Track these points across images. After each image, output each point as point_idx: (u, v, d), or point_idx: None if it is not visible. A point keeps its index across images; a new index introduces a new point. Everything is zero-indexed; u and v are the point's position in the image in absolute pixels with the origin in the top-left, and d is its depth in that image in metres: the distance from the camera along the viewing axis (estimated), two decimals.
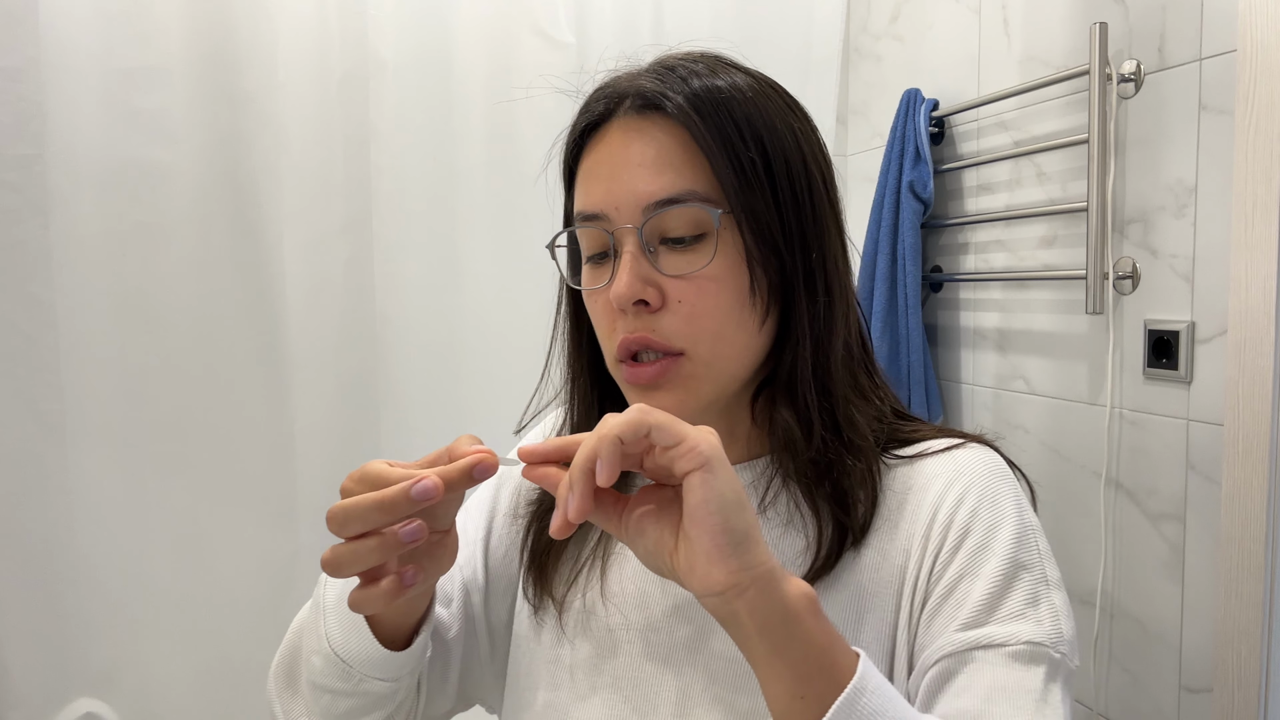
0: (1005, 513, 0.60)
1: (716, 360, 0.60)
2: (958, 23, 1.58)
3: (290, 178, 1.43)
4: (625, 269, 0.58)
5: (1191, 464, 1.17)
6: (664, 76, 0.61)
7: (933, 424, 0.68)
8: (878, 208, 1.64)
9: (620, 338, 0.60)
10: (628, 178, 0.59)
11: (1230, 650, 1.10)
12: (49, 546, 1.33)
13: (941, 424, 1.62)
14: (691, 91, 0.59)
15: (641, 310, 0.59)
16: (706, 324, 0.59)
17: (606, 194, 0.60)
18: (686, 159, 0.59)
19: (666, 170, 0.58)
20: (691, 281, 0.58)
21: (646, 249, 0.59)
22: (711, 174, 0.59)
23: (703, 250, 0.59)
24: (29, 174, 1.29)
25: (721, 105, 0.59)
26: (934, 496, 0.60)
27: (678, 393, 0.59)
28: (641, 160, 0.59)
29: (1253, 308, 1.05)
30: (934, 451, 0.63)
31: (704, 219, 0.58)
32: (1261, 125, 1.03)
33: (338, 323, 1.48)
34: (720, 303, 0.59)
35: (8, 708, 1.31)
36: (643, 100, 0.60)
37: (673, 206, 0.58)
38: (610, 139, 0.61)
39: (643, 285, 0.58)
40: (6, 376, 1.30)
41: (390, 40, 1.48)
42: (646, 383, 0.59)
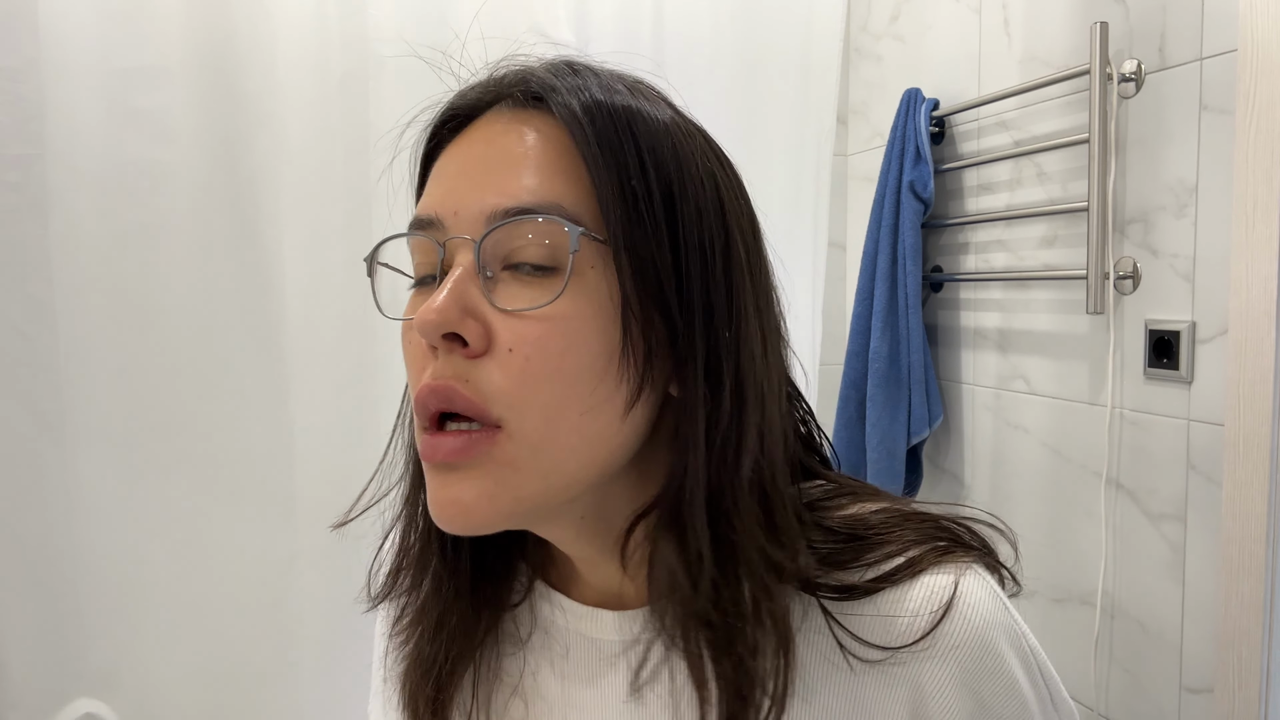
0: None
1: (548, 446, 0.43)
2: (958, 22, 1.58)
3: (290, 178, 1.43)
4: (444, 289, 0.42)
5: (1192, 464, 1.17)
6: (560, 72, 0.47)
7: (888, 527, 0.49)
8: (878, 207, 1.64)
9: (420, 384, 0.43)
10: (477, 177, 0.45)
11: (1231, 650, 1.09)
12: (48, 546, 1.33)
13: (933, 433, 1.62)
14: (590, 96, 0.45)
15: (455, 350, 0.42)
16: (542, 388, 0.42)
17: (446, 195, 0.45)
18: (559, 167, 0.44)
19: (528, 174, 0.44)
20: (531, 324, 0.42)
21: (482, 271, 0.43)
22: (589, 193, 0.44)
23: (555, 285, 0.43)
24: (29, 174, 1.29)
25: (621, 119, 0.45)
26: (938, 707, 0.46)
27: (484, 482, 0.43)
28: (502, 159, 0.45)
29: (1253, 308, 1.05)
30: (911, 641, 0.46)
31: (566, 247, 0.43)
32: (1262, 125, 1.03)
33: (337, 322, 1.48)
34: (567, 362, 0.42)
35: (7, 708, 1.31)
36: (525, 92, 0.46)
37: (525, 218, 0.43)
38: (472, 133, 0.47)
39: (460, 315, 0.42)
40: (6, 376, 1.29)
41: (390, 40, 1.48)
42: (442, 459, 0.43)
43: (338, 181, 1.47)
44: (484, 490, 0.43)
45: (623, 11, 1.61)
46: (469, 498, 0.42)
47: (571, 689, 0.52)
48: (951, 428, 1.63)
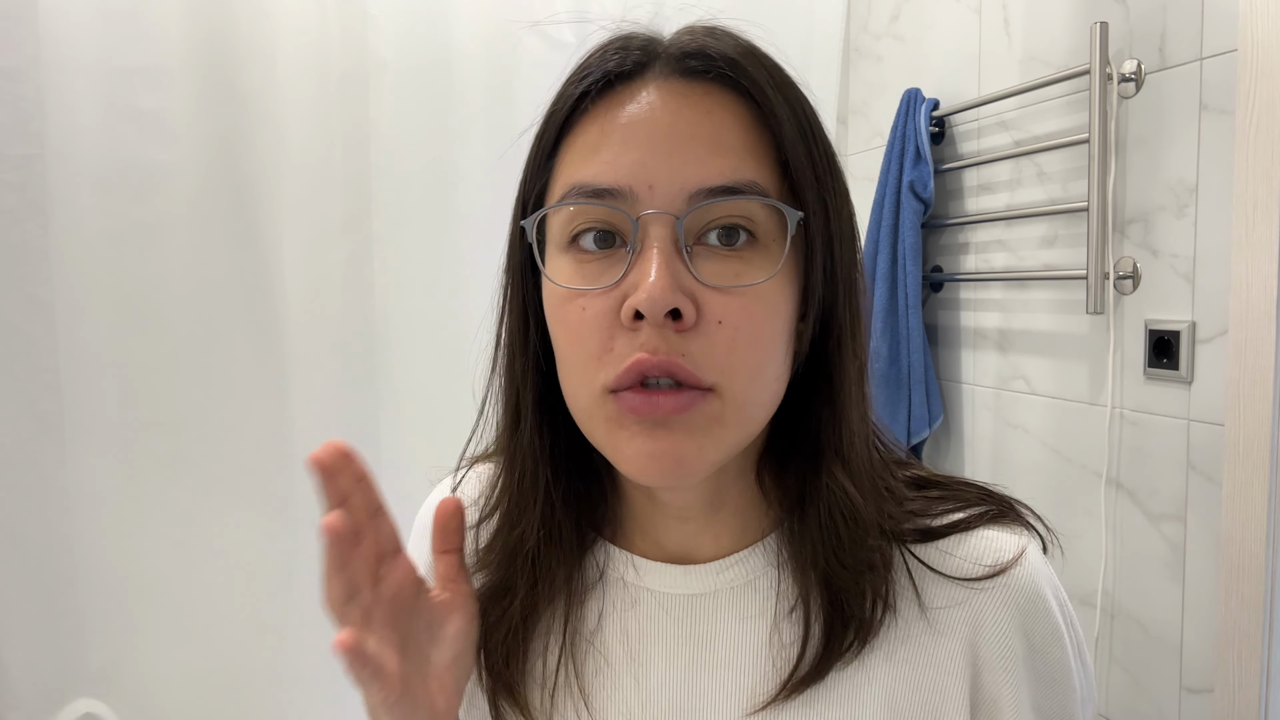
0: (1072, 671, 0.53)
1: (750, 405, 0.46)
2: (958, 22, 1.58)
3: (290, 177, 1.43)
4: (659, 267, 0.43)
5: (1192, 464, 1.17)
6: (718, 36, 0.47)
7: (945, 487, 0.56)
8: (878, 207, 1.64)
9: (635, 357, 0.44)
10: (673, 151, 0.45)
11: (1231, 651, 1.09)
12: (48, 546, 1.33)
13: (933, 433, 1.63)
14: (772, 76, 0.47)
15: (668, 325, 0.44)
16: (747, 355, 0.45)
17: (639, 164, 0.45)
18: (750, 144, 0.46)
19: (726, 152, 0.45)
20: (737, 298, 0.45)
21: (683, 248, 0.45)
22: (778, 170, 0.46)
23: (754, 261, 0.45)
24: (29, 174, 1.29)
25: (798, 101, 0.47)
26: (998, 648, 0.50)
27: (697, 437, 0.45)
28: (693, 133, 0.45)
29: (1253, 308, 1.05)
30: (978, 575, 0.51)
31: (763, 221, 0.45)
32: (1262, 125, 1.03)
33: (337, 322, 1.48)
34: (769, 331, 0.46)
35: (7, 708, 1.31)
36: (691, 60, 0.47)
37: (731, 198, 0.44)
38: (644, 99, 0.46)
39: (678, 291, 0.43)
40: (6, 376, 1.30)
41: (390, 40, 1.48)
42: (661, 415, 0.44)
43: (337, 181, 1.47)
44: (698, 444, 0.45)
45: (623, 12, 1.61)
46: (683, 450, 0.45)
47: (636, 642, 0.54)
48: (951, 428, 1.63)
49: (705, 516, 0.54)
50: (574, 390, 0.48)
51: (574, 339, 0.47)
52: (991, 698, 0.51)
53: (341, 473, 0.48)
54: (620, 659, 0.54)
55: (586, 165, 0.47)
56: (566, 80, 0.49)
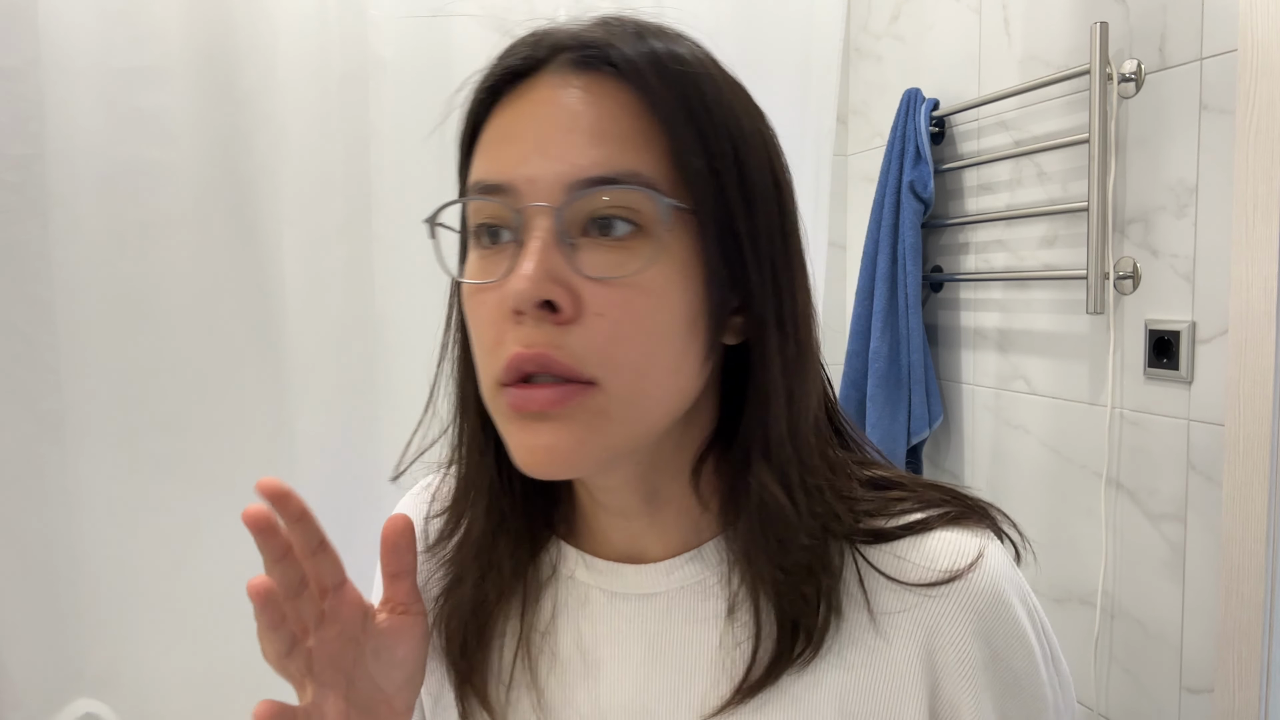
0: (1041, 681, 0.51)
1: (637, 399, 0.45)
2: (958, 22, 1.58)
3: (290, 177, 1.43)
4: (531, 258, 0.43)
5: (1192, 464, 1.17)
6: (626, 37, 0.47)
7: (907, 488, 0.54)
8: (878, 207, 1.64)
9: (511, 352, 0.44)
10: (552, 144, 0.45)
11: (1231, 651, 1.09)
12: (49, 546, 1.33)
13: (933, 433, 1.63)
14: (651, 51, 0.46)
15: (545, 318, 0.43)
16: (631, 349, 0.44)
17: (520, 161, 0.45)
18: (634, 133, 0.45)
19: (606, 142, 0.44)
20: (618, 290, 0.44)
21: (563, 239, 0.44)
22: (665, 158, 0.45)
23: (640, 252, 0.44)
24: (28, 174, 1.29)
25: (694, 86, 0.46)
26: (955, 654, 0.49)
27: (578, 431, 0.44)
28: (573, 125, 0.45)
29: (1254, 308, 1.05)
30: (931, 580, 0.49)
31: (650, 211, 0.44)
32: (1262, 125, 1.03)
33: (337, 322, 1.48)
34: (655, 324, 0.45)
35: (7, 708, 1.31)
36: (584, 51, 0.46)
37: (609, 188, 0.44)
38: (535, 95, 0.47)
39: (552, 283, 0.43)
40: (6, 376, 1.29)
41: (390, 40, 1.48)
42: (537, 409, 0.44)
43: (337, 181, 1.47)
44: (577, 437, 0.44)
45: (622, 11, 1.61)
46: (562, 444, 0.44)
47: (589, 642, 0.54)
48: (951, 428, 1.63)
49: (647, 515, 0.52)
50: (480, 384, 0.48)
51: (475, 333, 0.48)
52: (951, 705, 0.49)
53: (284, 512, 0.49)
54: (573, 657, 0.54)
55: (483, 163, 0.48)
56: (476, 80, 0.50)
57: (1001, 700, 0.49)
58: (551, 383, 0.44)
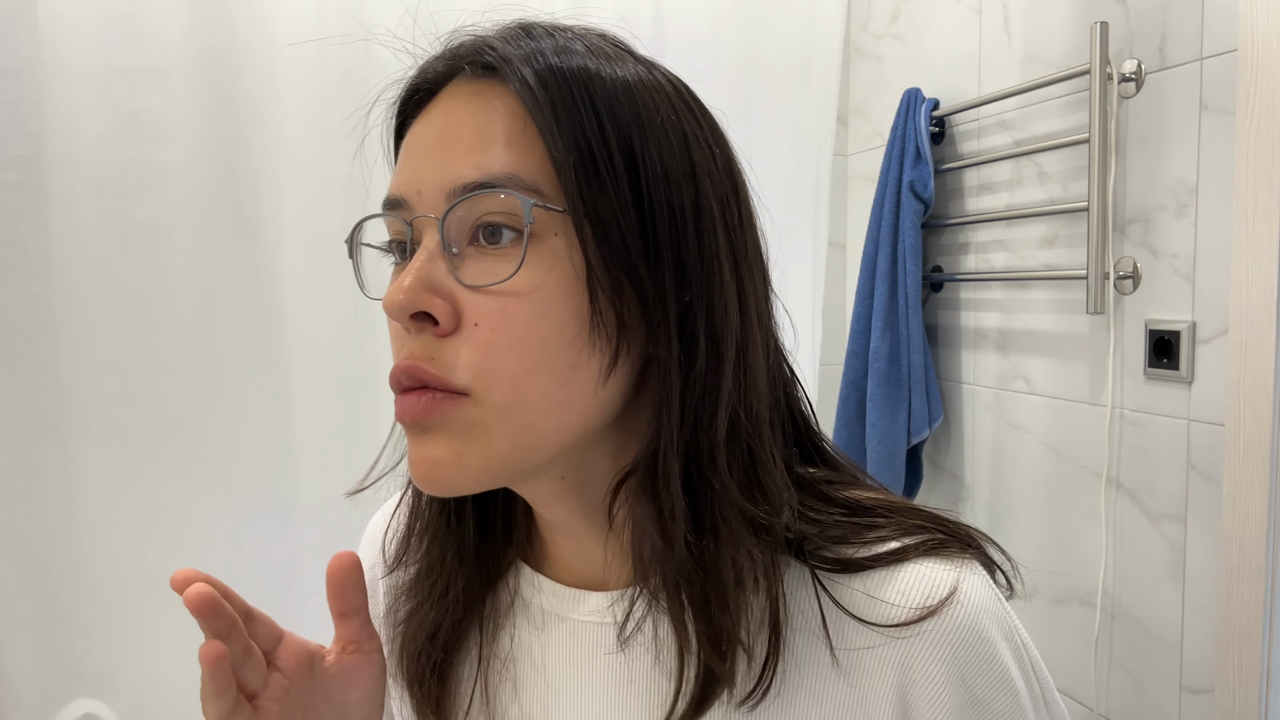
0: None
1: (516, 411, 0.43)
2: (958, 22, 1.58)
3: (290, 178, 1.43)
4: (410, 271, 0.43)
5: (1192, 464, 1.17)
6: (515, 39, 0.45)
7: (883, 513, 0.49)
8: (878, 207, 1.64)
9: (394, 364, 0.44)
10: (436, 154, 0.44)
11: (1231, 651, 1.09)
12: (49, 546, 1.33)
13: (933, 434, 1.63)
14: (545, 62, 0.44)
15: (425, 329, 0.43)
16: (509, 360, 0.42)
17: (411, 174, 0.45)
18: (513, 136, 0.43)
19: (485, 147, 0.43)
20: (495, 298, 0.42)
21: (447, 249, 0.43)
22: (547, 161, 0.43)
23: (516, 258, 0.42)
24: (28, 174, 1.29)
25: (576, 82, 0.44)
26: (928, 698, 0.45)
27: (454, 442, 0.43)
28: (457, 133, 0.44)
29: (1254, 308, 1.05)
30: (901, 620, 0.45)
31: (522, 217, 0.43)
32: (1262, 125, 1.03)
33: (338, 322, 1.48)
34: (535, 333, 0.42)
35: (7, 708, 1.31)
36: (480, 62, 0.45)
37: (484, 192, 0.42)
38: (433, 108, 0.47)
39: (428, 294, 0.42)
40: (6, 376, 1.29)
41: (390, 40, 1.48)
42: (411, 419, 0.43)
43: (337, 181, 1.47)
44: (455, 449, 0.43)
45: (622, 11, 1.61)
46: (439, 455, 0.43)
47: (551, 669, 0.52)
48: (951, 428, 1.63)
49: (595, 536, 0.50)
50: None
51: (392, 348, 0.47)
52: None
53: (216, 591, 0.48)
54: (535, 684, 0.52)
55: (392, 179, 0.48)
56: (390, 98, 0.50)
57: None
58: (422, 390, 0.43)
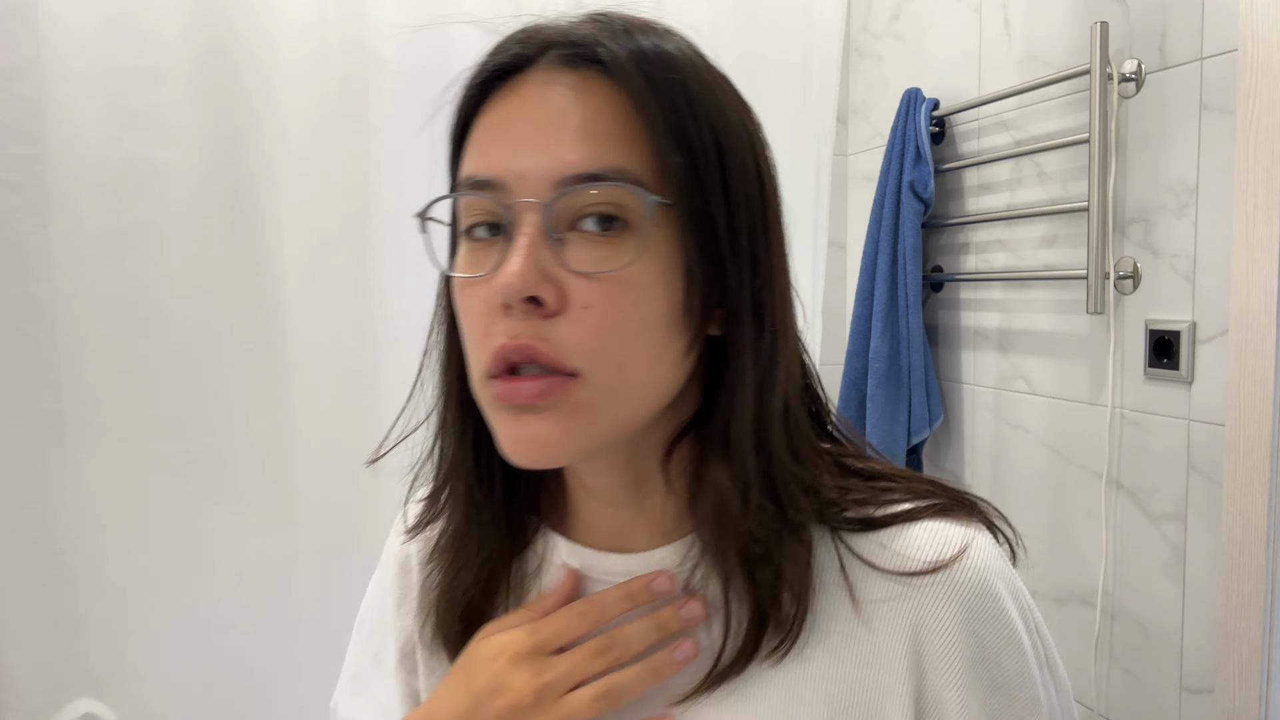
0: (1033, 680, 0.50)
1: (621, 390, 0.46)
2: (958, 22, 1.58)
3: (290, 178, 1.43)
4: (519, 253, 0.44)
5: (1192, 464, 1.17)
6: (615, 35, 0.47)
7: (897, 479, 0.54)
8: (878, 207, 1.64)
9: (497, 344, 0.45)
10: (541, 141, 0.46)
11: (1231, 651, 1.09)
12: (49, 546, 1.33)
13: (933, 433, 1.63)
14: (638, 48, 0.46)
15: (532, 312, 0.45)
16: (615, 341, 0.45)
17: (510, 157, 0.46)
18: (620, 130, 0.46)
19: (594, 139, 0.45)
20: (604, 284, 0.45)
21: (550, 234, 0.45)
22: (650, 155, 0.46)
23: (625, 247, 0.45)
24: (28, 174, 1.29)
25: (674, 74, 0.46)
26: (941, 647, 0.48)
27: (563, 422, 0.45)
28: (562, 122, 0.46)
29: (1254, 308, 1.05)
30: (916, 570, 0.49)
31: (632, 207, 0.45)
32: (1262, 125, 1.03)
33: (337, 322, 1.48)
34: (638, 317, 0.46)
35: (7, 708, 1.31)
36: (573, 49, 0.47)
37: (595, 185, 0.45)
38: (524, 92, 0.48)
39: (539, 279, 0.44)
40: (6, 376, 1.29)
41: (390, 40, 1.48)
42: (523, 402, 0.45)
43: (337, 181, 1.47)
44: (562, 428, 0.46)
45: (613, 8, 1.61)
46: (548, 435, 0.46)
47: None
48: (951, 428, 1.63)
49: (633, 503, 0.53)
50: (471, 368, 0.49)
51: (465, 325, 0.49)
52: (936, 701, 0.48)
53: None
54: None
55: (473, 158, 0.49)
56: (467, 77, 0.51)
57: (989, 699, 0.48)
58: (536, 374, 0.45)
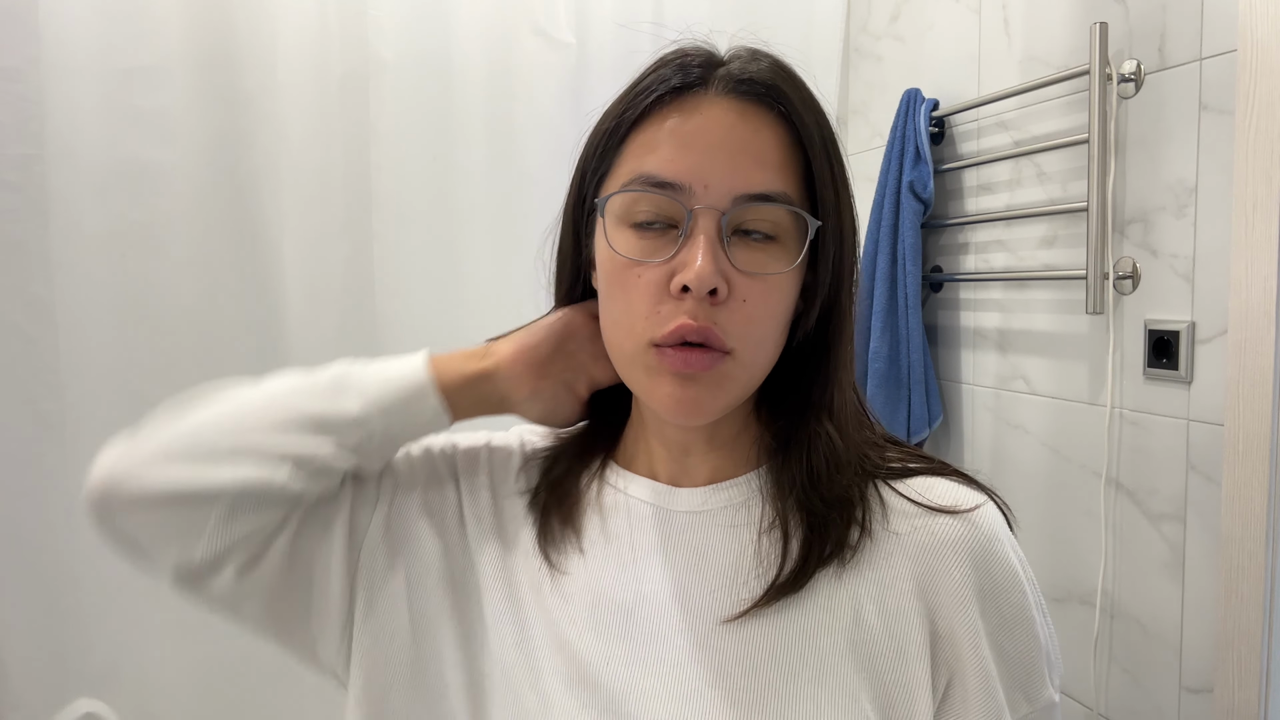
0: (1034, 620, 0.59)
1: (754, 367, 0.59)
2: (958, 23, 1.58)
3: (290, 178, 1.43)
4: (705, 253, 0.55)
5: (1192, 464, 1.17)
6: (774, 69, 0.59)
7: (923, 456, 0.65)
8: (878, 208, 1.64)
9: (679, 322, 0.55)
10: (726, 159, 0.56)
11: (1231, 650, 1.09)
12: (49, 546, 1.33)
13: (933, 433, 1.63)
14: (803, 95, 0.59)
15: (705, 299, 0.55)
16: (758, 328, 0.57)
17: (697, 166, 0.56)
18: (787, 160, 0.58)
19: (768, 167, 0.57)
20: (761, 283, 0.57)
21: (722, 237, 0.56)
22: (802, 182, 0.58)
23: (775, 254, 0.57)
24: (29, 174, 1.29)
25: (828, 131, 0.59)
26: (956, 579, 0.57)
27: (714, 390, 0.57)
28: (745, 148, 0.56)
29: (1253, 308, 1.05)
30: (939, 507, 0.59)
31: (785, 223, 0.57)
32: (1262, 125, 1.03)
33: (337, 322, 1.48)
34: (777, 310, 0.58)
35: (8, 708, 1.31)
36: (751, 86, 0.58)
37: (765, 204, 0.56)
38: (706, 111, 0.57)
39: (718, 275, 0.55)
40: (6, 376, 1.30)
41: (390, 40, 1.48)
42: (694, 370, 0.56)
43: (337, 181, 1.47)
44: (712, 394, 0.57)
45: (623, 11, 1.61)
46: (704, 399, 0.57)
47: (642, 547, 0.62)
48: (951, 428, 1.63)
49: (704, 451, 0.64)
50: (620, 340, 0.59)
51: (629, 299, 0.58)
52: (949, 629, 0.56)
53: None
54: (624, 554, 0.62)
55: (649, 158, 0.57)
56: (635, 88, 0.60)
57: (999, 632, 0.57)
58: (702, 349, 0.56)
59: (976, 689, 0.56)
